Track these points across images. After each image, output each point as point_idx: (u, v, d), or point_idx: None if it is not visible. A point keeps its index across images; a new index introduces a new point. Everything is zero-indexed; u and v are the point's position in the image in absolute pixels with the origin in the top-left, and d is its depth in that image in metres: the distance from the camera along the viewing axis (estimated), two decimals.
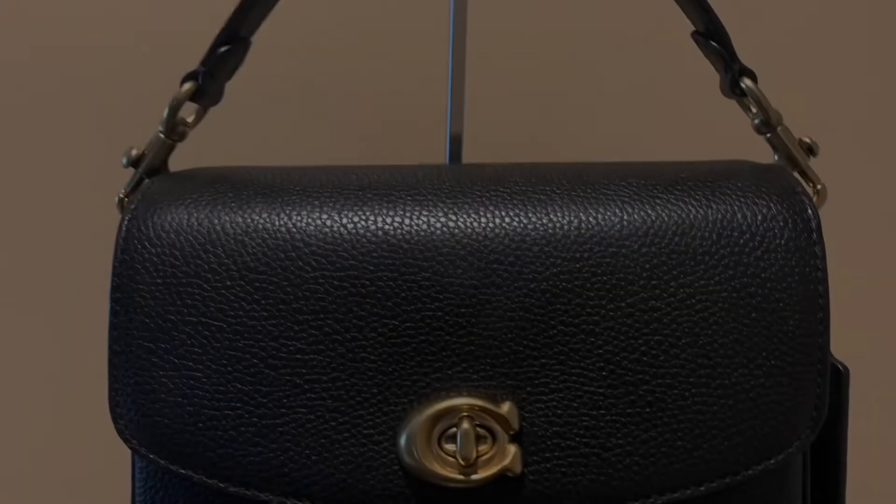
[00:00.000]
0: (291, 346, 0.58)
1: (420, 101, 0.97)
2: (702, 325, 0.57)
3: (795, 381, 0.57)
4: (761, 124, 0.66)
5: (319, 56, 0.99)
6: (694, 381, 0.57)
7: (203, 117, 0.69)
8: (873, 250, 1.02)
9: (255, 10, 0.66)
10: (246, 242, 0.59)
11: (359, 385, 0.57)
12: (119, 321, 0.59)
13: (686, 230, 0.59)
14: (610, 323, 0.57)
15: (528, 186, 0.62)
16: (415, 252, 0.59)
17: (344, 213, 0.60)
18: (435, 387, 0.57)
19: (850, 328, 0.76)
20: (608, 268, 0.58)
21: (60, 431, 1.01)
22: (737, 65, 0.66)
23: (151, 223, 0.61)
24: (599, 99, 1.01)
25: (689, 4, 0.66)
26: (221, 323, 0.58)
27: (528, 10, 0.99)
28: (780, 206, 0.60)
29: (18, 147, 0.99)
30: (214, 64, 0.67)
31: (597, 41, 1.00)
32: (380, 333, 0.58)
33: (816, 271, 0.58)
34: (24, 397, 1.01)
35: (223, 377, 0.58)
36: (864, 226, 1.02)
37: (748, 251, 0.58)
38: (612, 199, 0.60)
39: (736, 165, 0.65)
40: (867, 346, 0.96)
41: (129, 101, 0.97)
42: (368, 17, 0.99)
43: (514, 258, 0.58)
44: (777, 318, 0.57)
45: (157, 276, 0.60)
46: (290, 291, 0.58)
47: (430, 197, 0.61)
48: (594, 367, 0.57)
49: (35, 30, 0.98)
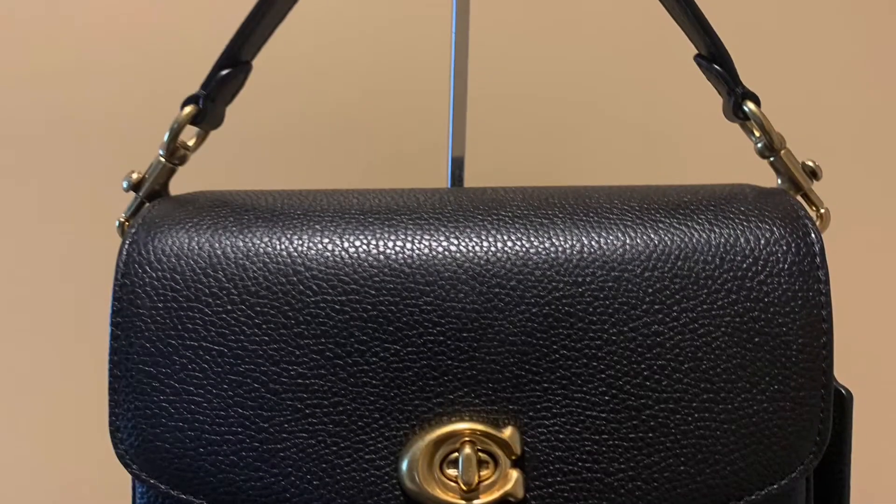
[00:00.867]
0: (293, 371, 0.58)
1: (422, 124, 0.98)
2: (704, 349, 0.58)
3: (799, 405, 0.58)
4: (764, 148, 0.67)
5: (321, 78, 1.00)
6: (697, 406, 0.57)
7: (204, 141, 0.70)
8: (877, 274, 1.03)
9: (256, 33, 0.67)
10: (247, 267, 0.60)
11: (360, 410, 0.58)
12: (119, 345, 0.60)
13: (689, 254, 0.59)
14: (612, 347, 0.58)
15: (530, 210, 0.62)
16: (416, 276, 0.59)
17: (345, 238, 0.61)
18: (437, 411, 0.58)
19: (854, 352, 0.77)
20: (611, 292, 0.59)
21: (60, 457, 1.02)
22: (739, 88, 0.67)
23: (152, 247, 0.61)
24: (601, 123, 1.01)
25: (692, 28, 0.67)
26: (222, 347, 0.59)
27: (530, 34, 1.00)
28: (783, 231, 0.60)
29: (18, 171, 1.00)
30: (215, 87, 0.67)
31: (598, 65, 1.01)
32: (381, 358, 0.58)
33: (819, 295, 0.59)
34: (23, 422, 1.02)
35: (224, 402, 0.58)
36: (868, 250, 1.02)
37: (751, 275, 0.59)
38: (615, 224, 0.61)
39: (738, 189, 0.66)
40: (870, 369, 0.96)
41: (129, 124, 0.97)
42: (371, 39, 1.00)
43: (516, 282, 0.59)
44: (780, 342, 0.58)
45: (157, 301, 0.60)
46: (291, 316, 0.59)
47: (432, 221, 0.62)
48: (597, 391, 0.58)
49: (33, 51, 0.98)
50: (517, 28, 1.00)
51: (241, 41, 0.66)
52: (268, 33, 0.68)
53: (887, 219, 1.03)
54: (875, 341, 1.02)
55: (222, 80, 0.67)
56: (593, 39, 1.01)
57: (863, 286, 1.00)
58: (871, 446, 0.80)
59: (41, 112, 0.99)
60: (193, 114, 0.67)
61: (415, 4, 0.98)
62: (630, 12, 0.99)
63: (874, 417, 0.83)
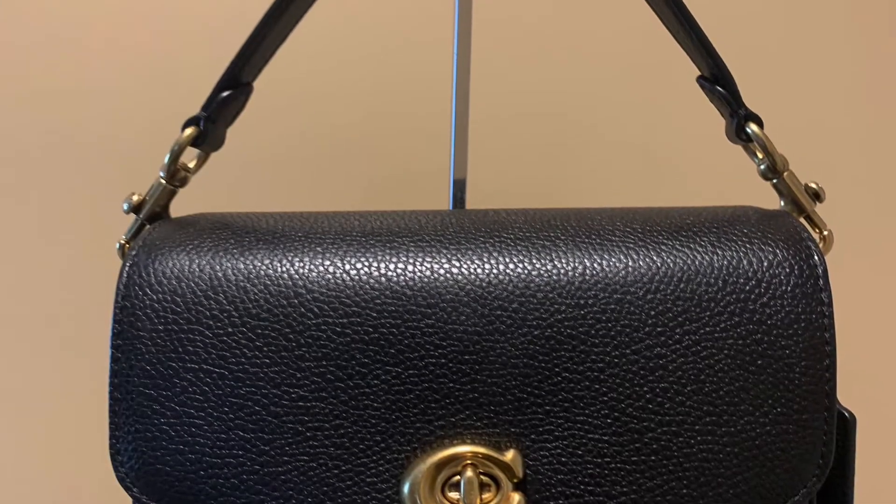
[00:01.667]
0: (294, 394, 0.59)
1: (424, 146, 0.99)
2: (707, 372, 0.58)
3: (802, 428, 0.58)
4: (767, 170, 0.67)
5: (322, 100, 1.00)
6: (699, 429, 0.58)
7: (205, 163, 0.70)
8: (880, 296, 1.03)
9: (257, 54, 0.67)
10: (248, 289, 0.61)
11: (362, 432, 0.58)
12: (120, 368, 0.60)
13: (691, 276, 0.60)
14: (615, 370, 0.58)
15: (531, 232, 0.63)
16: (418, 299, 0.60)
17: (347, 260, 0.61)
18: (438, 434, 0.58)
19: (857, 375, 0.77)
20: (613, 314, 0.59)
21: (61, 478, 1.03)
22: (742, 110, 0.67)
23: (153, 269, 0.62)
24: (603, 145, 1.02)
25: (695, 49, 0.67)
26: (223, 370, 0.59)
27: (531, 56, 1.01)
28: (786, 253, 0.61)
29: (19, 192, 1.01)
30: (216, 109, 0.67)
31: (601, 86, 1.02)
32: (383, 381, 0.59)
33: (823, 318, 0.59)
34: (23, 443, 1.03)
35: (225, 425, 0.59)
36: (871, 272, 1.02)
37: (754, 298, 0.59)
38: (617, 245, 0.62)
39: (741, 211, 0.66)
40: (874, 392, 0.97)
41: (129, 146, 0.98)
42: (373, 61, 1.00)
43: (517, 305, 0.59)
44: (783, 365, 0.58)
45: (158, 323, 0.60)
46: (292, 338, 0.59)
47: (434, 243, 0.62)
48: (599, 414, 0.58)
49: (34, 72, 0.99)
50: (519, 50, 1.01)
51: (242, 62, 0.67)
52: (269, 55, 0.69)
53: (891, 241, 1.03)
54: (878, 364, 1.03)
55: (223, 102, 0.67)
56: (596, 61, 1.02)
57: (866, 308, 1.01)
58: (874, 469, 0.80)
59: (42, 133, 1.00)
60: (194, 135, 0.67)
61: (416, 27, 0.99)
62: (633, 34, 1.00)
63: (877, 440, 0.83)
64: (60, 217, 1.00)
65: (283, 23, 0.67)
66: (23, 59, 0.99)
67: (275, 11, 0.66)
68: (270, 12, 0.66)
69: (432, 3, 0.95)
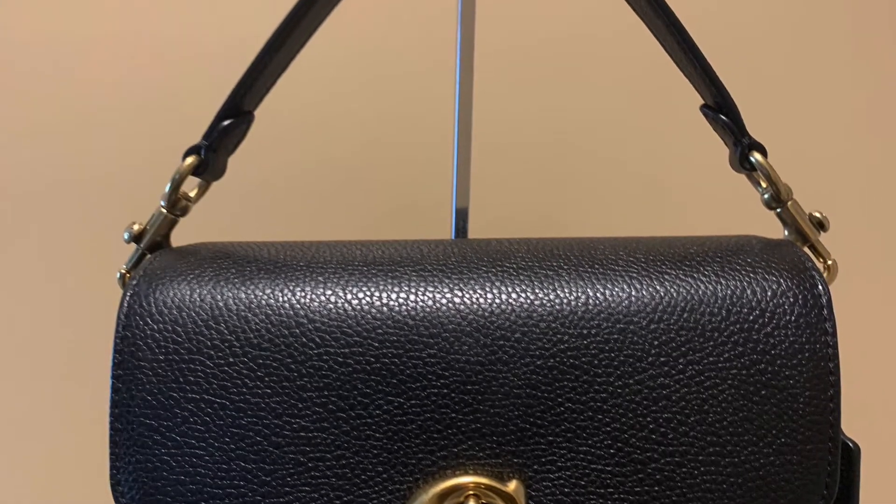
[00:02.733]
0: (295, 424, 0.59)
1: (425, 176, 0.99)
2: (711, 402, 0.59)
3: (806, 458, 0.59)
4: (771, 199, 0.68)
5: (324, 129, 1.01)
6: (703, 460, 0.59)
7: (206, 192, 0.70)
8: (885, 326, 1.03)
9: (258, 83, 0.68)
10: (249, 319, 0.61)
11: (364, 463, 0.59)
12: (120, 398, 0.61)
13: (695, 306, 0.61)
14: (618, 400, 0.59)
15: (534, 262, 0.64)
16: (420, 328, 0.60)
17: (348, 290, 0.62)
18: (441, 465, 0.59)
19: (862, 405, 0.77)
20: (616, 344, 0.60)
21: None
22: (746, 139, 0.68)
23: (153, 299, 0.63)
24: (606, 173, 1.03)
25: (699, 78, 0.68)
26: (224, 400, 0.60)
27: (533, 85, 1.02)
28: (790, 282, 0.62)
29: (19, 221, 1.01)
30: (217, 138, 0.68)
31: (604, 115, 1.03)
32: (385, 411, 0.59)
33: (827, 348, 0.60)
34: (23, 474, 1.03)
35: (226, 455, 0.59)
36: (876, 301, 1.03)
37: (758, 327, 0.60)
38: (620, 275, 0.62)
39: (745, 241, 0.67)
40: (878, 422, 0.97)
41: (130, 174, 0.99)
42: (374, 90, 1.01)
43: (520, 334, 0.60)
44: (787, 395, 0.59)
45: (159, 353, 0.61)
46: (293, 368, 0.60)
47: (436, 272, 0.63)
48: (602, 444, 0.59)
49: (35, 100, 1.00)
50: (521, 79, 1.01)
51: (243, 91, 0.67)
52: (270, 84, 0.69)
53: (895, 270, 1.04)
54: (883, 394, 1.03)
55: (224, 131, 0.68)
56: (599, 90, 1.02)
57: (871, 338, 1.01)
58: (878, 500, 0.80)
59: (43, 162, 1.01)
60: (195, 164, 0.68)
61: (418, 56, 1.00)
62: (636, 62, 1.01)
63: (882, 471, 0.83)
64: (61, 247, 1.01)
65: (284, 52, 0.67)
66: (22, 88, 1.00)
67: (276, 40, 0.66)
68: (272, 41, 0.66)
69: (434, 33, 0.95)
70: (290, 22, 0.66)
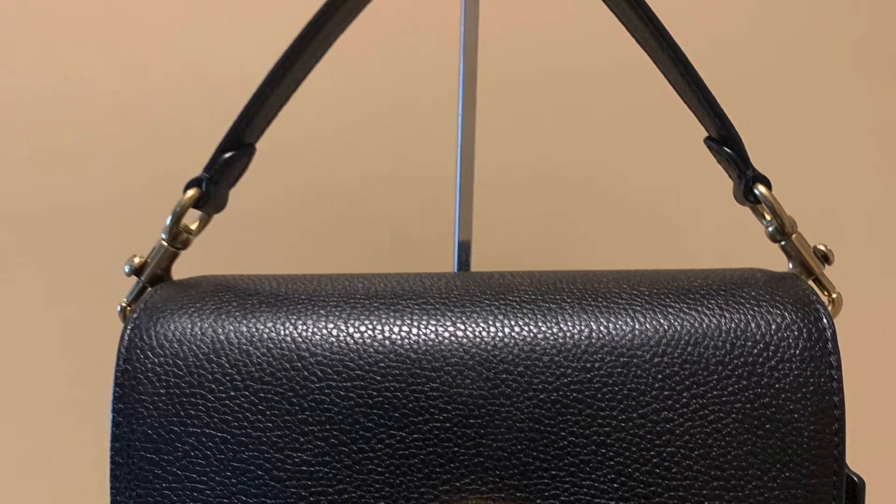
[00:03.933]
0: (297, 458, 0.60)
1: (428, 208, 1.00)
2: (715, 436, 0.60)
3: (810, 493, 0.59)
4: (775, 232, 0.69)
5: (326, 161, 1.02)
6: (707, 494, 0.59)
7: (207, 224, 0.71)
8: (890, 360, 1.04)
9: (260, 115, 0.68)
10: (251, 352, 0.62)
11: (366, 497, 0.60)
12: (121, 432, 0.61)
13: (699, 340, 0.61)
14: (621, 434, 0.60)
15: (537, 295, 0.64)
16: (422, 362, 0.61)
17: (350, 323, 0.63)
18: (443, 499, 0.60)
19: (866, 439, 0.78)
20: (619, 378, 0.60)
21: None
22: (750, 171, 0.68)
23: (154, 332, 0.63)
24: (610, 206, 1.04)
25: (703, 110, 0.69)
26: (225, 434, 0.61)
27: (536, 117, 1.03)
28: (794, 316, 0.62)
29: (19, 254, 1.02)
30: (218, 170, 0.68)
31: (607, 148, 1.04)
32: (387, 445, 0.60)
33: (832, 381, 0.61)
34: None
35: (227, 489, 0.60)
36: (881, 335, 1.03)
37: (762, 361, 0.61)
38: (624, 308, 0.63)
39: (749, 274, 0.67)
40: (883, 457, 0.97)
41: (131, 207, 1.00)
42: (377, 122, 1.02)
43: (523, 368, 0.61)
44: (791, 429, 0.60)
45: (159, 387, 0.62)
46: (295, 402, 0.61)
47: (438, 306, 0.64)
48: (606, 479, 0.59)
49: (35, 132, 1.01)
50: (523, 112, 1.02)
51: (244, 123, 0.68)
52: (272, 116, 0.70)
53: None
54: (888, 428, 1.03)
55: (226, 163, 0.68)
56: (602, 122, 1.03)
57: (876, 372, 1.01)
58: None
59: (43, 195, 1.01)
60: (196, 197, 0.68)
61: (420, 89, 1.01)
62: (639, 94, 1.02)
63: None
64: (61, 280, 1.02)
65: (286, 84, 0.68)
66: (23, 118, 1.01)
67: (277, 72, 0.67)
68: (273, 73, 0.67)
69: (436, 65, 0.96)
70: (292, 54, 0.67)
